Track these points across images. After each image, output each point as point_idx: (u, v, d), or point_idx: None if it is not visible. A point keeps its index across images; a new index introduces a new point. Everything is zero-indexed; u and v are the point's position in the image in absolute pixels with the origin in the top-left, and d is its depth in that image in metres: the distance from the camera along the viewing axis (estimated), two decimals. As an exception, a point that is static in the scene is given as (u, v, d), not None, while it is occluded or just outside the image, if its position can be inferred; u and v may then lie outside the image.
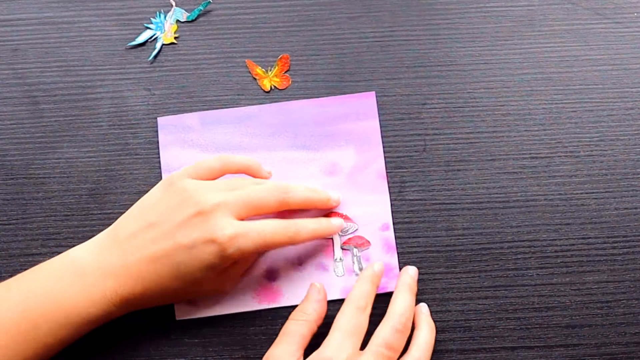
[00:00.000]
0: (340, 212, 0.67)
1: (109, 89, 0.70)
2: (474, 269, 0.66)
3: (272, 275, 0.66)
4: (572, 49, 0.71)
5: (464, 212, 0.67)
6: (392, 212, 0.67)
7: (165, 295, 0.60)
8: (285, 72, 0.70)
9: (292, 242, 0.61)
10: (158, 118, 0.69)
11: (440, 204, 0.67)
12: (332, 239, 0.66)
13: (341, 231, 0.66)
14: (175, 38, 0.71)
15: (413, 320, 0.62)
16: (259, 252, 0.64)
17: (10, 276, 0.60)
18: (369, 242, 0.66)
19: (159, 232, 0.59)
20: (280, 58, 0.71)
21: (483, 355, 0.64)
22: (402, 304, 0.61)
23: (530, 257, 0.66)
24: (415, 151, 0.68)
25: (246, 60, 0.71)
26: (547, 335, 0.64)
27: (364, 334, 0.60)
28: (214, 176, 0.63)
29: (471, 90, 0.70)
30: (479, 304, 0.65)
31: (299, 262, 0.66)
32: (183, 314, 0.65)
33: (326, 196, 0.65)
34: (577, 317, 0.65)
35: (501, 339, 0.64)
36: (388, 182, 0.68)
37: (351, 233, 0.66)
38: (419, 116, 0.69)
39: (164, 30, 0.71)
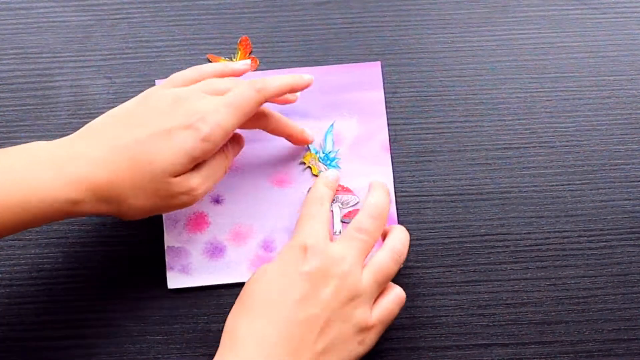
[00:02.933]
0: (341, 184, 0.67)
1: (68, 77, 0.70)
2: (444, 263, 0.65)
3: (268, 246, 0.66)
4: (547, 36, 0.71)
5: (435, 204, 0.67)
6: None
7: (133, 190, 0.57)
8: (249, 54, 0.70)
9: (264, 96, 0.60)
10: (156, 81, 0.69)
11: (409, 196, 0.67)
12: (332, 211, 0.66)
13: (341, 204, 0.66)
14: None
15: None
16: (237, 124, 0.61)
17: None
18: None
19: (135, 122, 0.58)
20: (240, 42, 0.70)
21: (454, 353, 0.64)
22: (376, 196, 0.62)
23: (503, 252, 0.65)
24: (385, 141, 0.68)
25: (207, 56, 0.70)
26: (521, 332, 0.64)
27: (328, 221, 0.61)
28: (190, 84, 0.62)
29: (442, 79, 0.69)
30: (450, 300, 0.65)
31: None
32: (175, 282, 0.65)
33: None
34: (552, 314, 0.64)
35: (473, 336, 0.64)
36: (392, 155, 0.67)
37: (352, 206, 0.66)
38: (388, 105, 0.69)
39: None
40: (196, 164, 0.59)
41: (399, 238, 0.61)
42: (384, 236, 0.62)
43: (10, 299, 0.64)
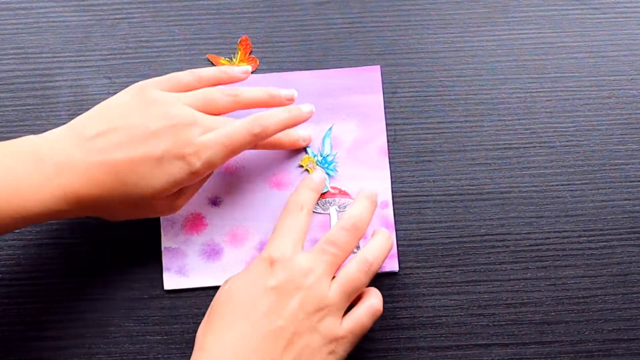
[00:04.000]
0: (338, 187, 0.67)
1: (68, 77, 0.69)
2: (444, 263, 0.65)
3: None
4: (547, 36, 0.70)
5: (434, 204, 0.66)
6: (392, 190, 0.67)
7: (118, 204, 0.58)
8: (249, 54, 0.70)
9: (260, 139, 0.61)
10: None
11: (409, 196, 0.66)
12: (329, 214, 0.66)
13: (338, 207, 0.66)
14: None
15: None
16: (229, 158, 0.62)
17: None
18: None
19: (126, 137, 0.57)
20: (240, 42, 0.70)
21: (454, 353, 0.63)
22: (355, 208, 0.61)
23: (503, 252, 0.65)
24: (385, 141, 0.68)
25: (207, 56, 0.70)
26: (521, 332, 0.64)
27: (304, 234, 0.61)
28: (187, 90, 0.62)
29: (442, 79, 0.69)
30: (450, 300, 0.64)
31: None
32: (172, 283, 0.65)
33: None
34: (552, 314, 0.64)
35: (473, 336, 0.64)
36: (389, 159, 0.67)
37: None
38: (388, 105, 0.68)
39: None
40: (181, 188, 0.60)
41: (373, 247, 0.60)
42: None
43: (10, 299, 0.64)
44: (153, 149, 0.57)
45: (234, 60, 0.69)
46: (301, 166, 0.67)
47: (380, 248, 0.60)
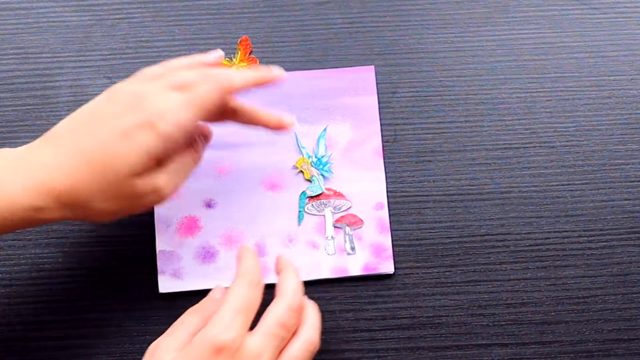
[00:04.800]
0: (333, 188, 0.66)
1: (68, 77, 0.69)
2: (445, 263, 0.65)
3: (260, 250, 0.65)
4: (547, 36, 0.70)
5: (435, 204, 0.66)
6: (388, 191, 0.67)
7: (97, 193, 0.55)
8: (249, 54, 0.70)
9: (228, 92, 0.58)
10: None
11: (409, 196, 0.66)
12: (324, 216, 0.66)
13: (334, 208, 0.66)
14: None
15: None
16: (198, 121, 0.58)
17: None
18: (362, 220, 0.66)
19: (92, 125, 0.56)
20: (240, 42, 0.70)
21: (454, 353, 0.63)
22: (293, 282, 0.58)
23: (503, 252, 0.65)
24: (385, 141, 0.67)
25: None
26: (521, 332, 0.64)
27: (255, 311, 0.56)
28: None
29: (442, 79, 0.69)
30: (450, 300, 0.64)
31: (289, 238, 0.66)
32: (167, 287, 0.65)
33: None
34: (552, 314, 0.64)
35: (473, 336, 0.64)
36: (384, 160, 0.67)
37: (344, 211, 0.66)
38: (388, 105, 0.68)
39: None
40: (160, 162, 0.57)
41: (313, 324, 0.57)
42: None
43: (10, 299, 0.64)
44: (121, 125, 0.55)
45: (234, 60, 0.69)
46: (295, 167, 0.67)
47: (319, 320, 0.58)
